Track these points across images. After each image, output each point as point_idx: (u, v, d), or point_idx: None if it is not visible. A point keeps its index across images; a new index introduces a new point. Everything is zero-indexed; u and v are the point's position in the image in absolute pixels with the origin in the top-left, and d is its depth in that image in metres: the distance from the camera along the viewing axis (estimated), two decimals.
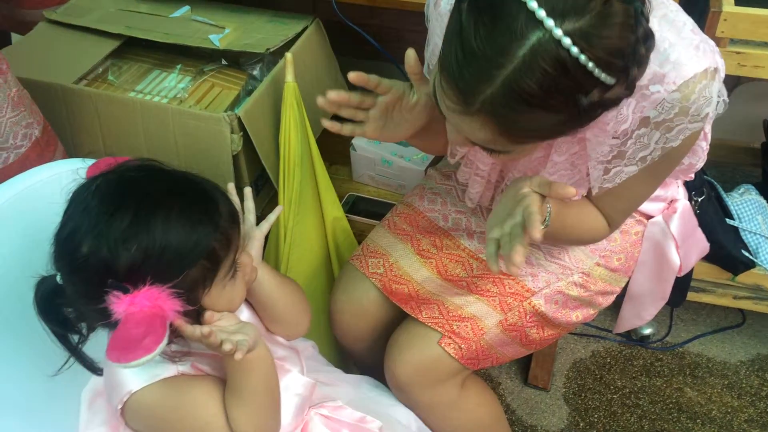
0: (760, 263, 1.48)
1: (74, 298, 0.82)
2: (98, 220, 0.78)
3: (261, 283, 0.97)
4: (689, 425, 1.56)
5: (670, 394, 1.62)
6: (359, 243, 1.34)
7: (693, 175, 1.20)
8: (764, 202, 1.56)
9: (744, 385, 1.63)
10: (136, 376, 0.84)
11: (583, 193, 1.04)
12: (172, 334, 0.82)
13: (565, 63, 0.72)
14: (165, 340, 0.75)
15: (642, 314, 1.31)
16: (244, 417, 0.86)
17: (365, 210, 1.55)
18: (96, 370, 0.89)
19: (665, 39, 0.86)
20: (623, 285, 1.23)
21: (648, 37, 0.77)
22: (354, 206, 1.56)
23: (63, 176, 1.01)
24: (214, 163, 1.38)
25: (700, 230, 1.27)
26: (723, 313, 1.76)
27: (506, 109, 0.76)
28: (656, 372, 1.66)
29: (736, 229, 1.50)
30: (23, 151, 1.22)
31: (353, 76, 0.97)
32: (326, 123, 1.01)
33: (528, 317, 1.15)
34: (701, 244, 1.28)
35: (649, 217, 1.19)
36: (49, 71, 1.44)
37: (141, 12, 1.59)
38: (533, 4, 0.71)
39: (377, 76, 0.98)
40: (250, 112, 1.35)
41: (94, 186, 0.81)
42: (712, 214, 1.45)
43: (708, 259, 1.43)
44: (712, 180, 1.55)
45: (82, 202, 0.80)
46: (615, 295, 1.23)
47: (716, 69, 0.88)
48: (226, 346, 0.79)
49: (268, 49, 1.44)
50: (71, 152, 1.42)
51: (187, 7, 1.59)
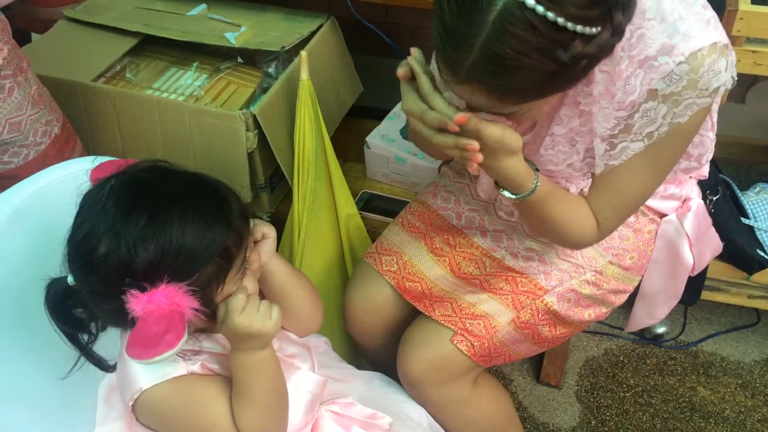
0: None
1: (89, 298, 0.83)
2: (115, 220, 0.79)
3: (274, 275, 0.98)
4: (702, 424, 1.55)
5: (683, 393, 1.61)
6: (373, 240, 1.35)
7: (707, 174, 1.20)
8: None
9: (758, 385, 1.62)
10: (147, 373, 0.86)
11: (581, 186, 1.03)
12: (207, 307, 0.83)
13: (532, 23, 0.73)
14: (185, 336, 0.77)
15: (654, 313, 1.31)
16: (250, 418, 0.87)
17: (379, 207, 1.56)
18: (107, 367, 0.91)
19: (675, 11, 0.87)
20: (636, 284, 1.23)
21: None
22: (368, 203, 1.57)
23: (80, 174, 1.02)
24: (229, 160, 1.39)
25: (713, 229, 1.27)
26: (737, 313, 1.76)
27: (489, 75, 0.78)
28: (669, 371, 1.66)
29: (751, 228, 1.49)
30: (43, 148, 1.24)
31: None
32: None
33: (540, 315, 1.15)
34: (715, 243, 1.28)
35: (662, 215, 1.19)
36: (68, 69, 1.46)
37: (158, 10, 1.61)
38: None
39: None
40: (265, 110, 1.36)
41: (107, 187, 0.82)
42: (727, 213, 1.44)
43: (722, 258, 1.43)
44: (728, 178, 1.55)
45: (96, 203, 0.81)
46: (628, 294, 1.23)
47: (726, 45, 0.88)
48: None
49: (283, 47, 1.45)
50: (90, 149, 1.44)
51: (203, 5, 1.61)
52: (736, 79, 0.91)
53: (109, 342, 0.90)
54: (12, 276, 0.97)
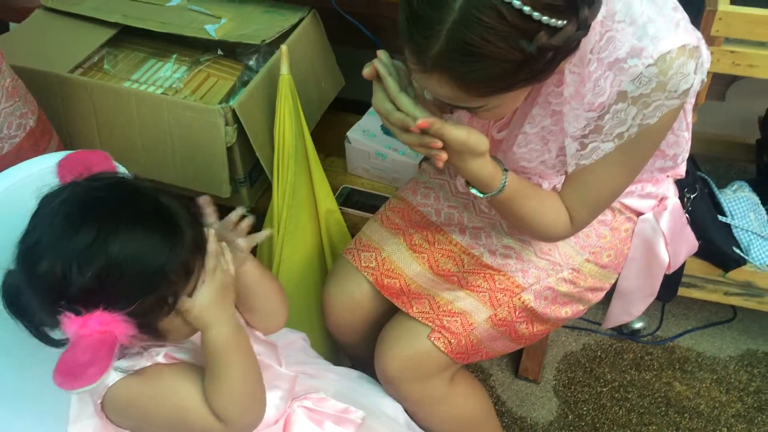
0: (750, 260, 1.49)
1: (32, 304, 0.82)
2: (59, 237, 0.78)
3: (246, 274, 0.97)
4: (677, 419, 1.57)
5: (659, 388, 1.63)
6: (352, 235, 1.35)
7: (684, 173, 1.21)
8: (757, 199, 1.56)
9: (733, 380, 1.64)
10: (111, 370, 0.85)
11: (554, 183, 1.04)
12: (147, 333, 0.84)
13: (499, 10, 0.74)
14: (109, 372, 0.77)
15: (631, 310, 1.32)
16: (226, 400, 0.86)
17: (359, 202, 1.56)
18: (58, 344, 0.88)
19: (644, 13, 0.87)
20: (613, 281, 1.24)
21: None
22: (348, 198, 1.57)
23: (54, 170, 1.02)
24: (208, 154, 1.38)
25: (689, 228, 1.28)
26: (714, 309, 1.78)
27: (455, 62, 0.78)
28: (646, 366, 1.68)
29: (728, 226, 1.51)
30: (17, 141, 1.22)
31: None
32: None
33: (517, 313, 1.16)
34: (691, 242, 1.29)
35: (639, 214, 1.20)
36: (44, 59, 1.44)
37: (137, 0, 1.59)
38: None
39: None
40: (244, 104, 1.35)
41: (60, 199, 0.80)
42: (704, 211, 1.45)
43: (699, 255, 1.44)
44: (706, 176, 1.56)
45: (48, 214, 0.80)
46: (604, 292, 1.24)
47: (696, 47, 0.88)
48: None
49: (263, 40, 1.44)
50: (66, 142, 1.42)
51: None
52: (705, 81, 0.92)
53: None
54: None
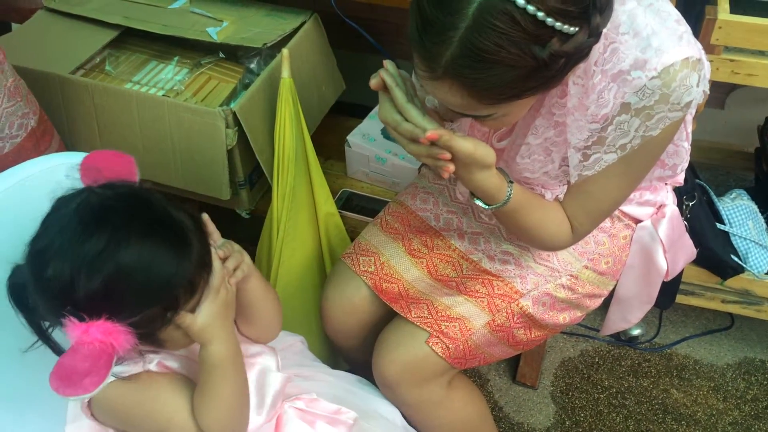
0: (749, 268, 1.49)
1: (37, 304, 0.83)
2: (69, 244, 0.78)
3: (246, 292, 0.98)
4: (674, 426, 1.57)
5: (657, 395, 1.63)
6: (351, 239, 1.35)
7: (682, 181, 1.21)
8: (755, 207, 1.57)
9: (730, 388, 1.64)
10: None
11: (557, 193, 1.04)
12: (146, 343, 0.85)
13: (513, 15, 0.74)
14: (105, 382, 0.77)
15: (628, 317, 1.33)
16: (214, 417, 0.87)
17: (358, 206, 1.56)
18: (61, 352, 0.90)
19: (648, 26, 0.88)
20: (611, 288, 1.24)
21: None
22: (347, 202, 1.57)
23: (57, 170, 1.02)
24: (208, 156, 1.38)
25: (687, 236, 1.28)
26: (711, 316, 1.78)
27: (467, 69, 0.78)
28: (643, 373, 1.68)
29: (726, 234, 1.51)
30: (19, 141, 1.22)
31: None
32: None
33: (515, 318, 1.16)
34: (689, 250, 1.29)
35: (637, 221, 1.20)
36: (46, 60, 1.44)
37: (139, 2, 1.59)
38: None
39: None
40: (245, 107, 1.35)
41: (74, 204, 0.81)
42: (702, 218, 1.46)
43: (697, 262, 1.45)
44: (705, 184, 1.56)
45: (60, 219, 0.81)
46: (602, 298, 1.24)
47: (699, 59, 0.89)
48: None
49: (265, 44, 1.45)
50: (67, 142, 1.43)
51: None
52: (708, 93, 0.92)
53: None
54: None
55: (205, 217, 0.92)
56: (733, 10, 1.22)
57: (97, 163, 0.89)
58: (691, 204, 1.41)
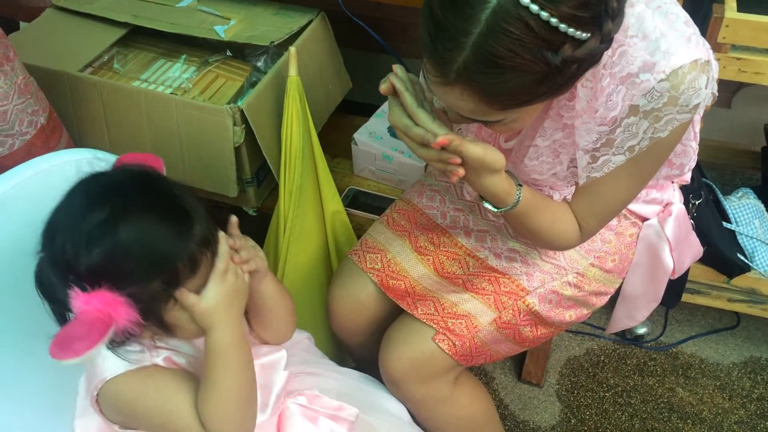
0: (755, 267, 1.49)
1: (51, 281, 0.85)
2: (74, 217, 0.81)
3: (262, 293, 0.99)
4: (680, 425, 1.57)
5: (662, 393, 1.63)
6: (358, 237, 1.35)
7: (689, 179, 1.22)
8: (762, 206, 1.57)
9: (736, 387, 1.64)
10: (111, 365, 0.87)
11: (565, 195, 1.04)
12: (153, 324, 0.86)
13: (527, 21, 0.73)
14: (96, 348, 0.77)
15: (635, 315, 1.33)
16: (213, 407, 0.86)
17: (365, 204, 1.57)
18: None
19: (657, 28, 0.88)
20: (617, 286, 1.24)
21: None
22: (354, 200, 1.57)
23: (67, 166, 1.03)
24: (216, 154, 1.39)
25: (694, 234, 1.28)
26: (717, 315, 1.78)
27: (480, 74, 0.78)
28: (649, 371, 1.68)
29: (732, 233, 1.51)
30: (28, 138, 1.23)
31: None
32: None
33: (522, 316, 1.16)
34: (695, 248, 1.29)
35: (644, 219, 1.20)
36: (55, 58, 1.45)
37: (147, 1, 1.60)
38: None
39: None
40: (252, 104, 1.36)
41: (83, 181, 0.84)
42: (709, 217, 1.46)
43: (703, 261, 1.45)
44: (711, 183, 1.56)
45: (71, 194, 0.84)
46: (609, 296, 1.24)
47: (707, 61, 0.89)
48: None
49: (272, 42, 1.45)
50: (76, 140, 1.44)
51: None
52: (716, 94, 0.92)
53: None
54: None
55: (233, 218, 0.95)
56: (740, 8, 1.22)
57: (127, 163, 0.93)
58: (697, 203, 1.41)
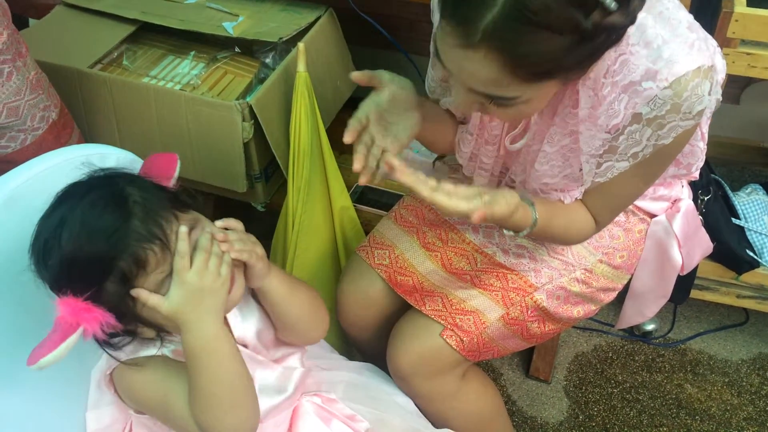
0: (764, 263, 1.49)
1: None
2: (38, 225, 0.85)
3: (270, 292, 0.96)
4: (688, 421, 1.57)
5: (671, 390, 1.63)
6: (366, 233, 1.36)
7: (698, 175, 1.21)
8: None
9: (744, 384, 1.64)
10: (125, 350, 0.91)
11: (576, 196, 1.05)
12: (135, 324, 0.88)
13: None
14: (56, 352, 0.78)
15: (644, 311, 1.33)
16: (197, 410, 0.86)
17: (373, 200, 1.57)
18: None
19: (659, 36, 0.87)
20: (625, 282, 1.24)
21: None
22: (362, 196, 1.58)
23: (77, 161, 1.03)
24: (225, 149, 1.40)
25: (703, 230, 1.28)
26: (726, 312, 1.77)
27: (510, 32, 0.75)
28: (657, 368, 1.68)
29: (741, 229, 1.51)
30: (40, 133, 1.24)
31: (356, 76, 1.01)
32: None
33: (529, 312, 1.17)
34: (704, 244, 1.29)
35: (652, 215, 1.20)
36: (65, 55, 1.46)
37: None
38: None
39: (374, 73, 1.02)
40: (261, 100, 1.36)
41: (59, 192, 0.87)
42: (718, 213, 1.45)
43: (712, 257, 1.44)
44: (720, 179, 1.56)
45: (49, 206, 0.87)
46: (617, 292, 1.24)
47: (711, 67, 0.88)
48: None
49: (281, 38, 1.46)
50: (86, 135, 1.44)
51: None
52: (721, 100, 0.92)
53: None
54: (5, 261, 0.98)
55: (237, 224, 0.94)
56: (750, 3, 1.21)
57: (149, 164, 0.96)
58: (706, 199, 1.41)
